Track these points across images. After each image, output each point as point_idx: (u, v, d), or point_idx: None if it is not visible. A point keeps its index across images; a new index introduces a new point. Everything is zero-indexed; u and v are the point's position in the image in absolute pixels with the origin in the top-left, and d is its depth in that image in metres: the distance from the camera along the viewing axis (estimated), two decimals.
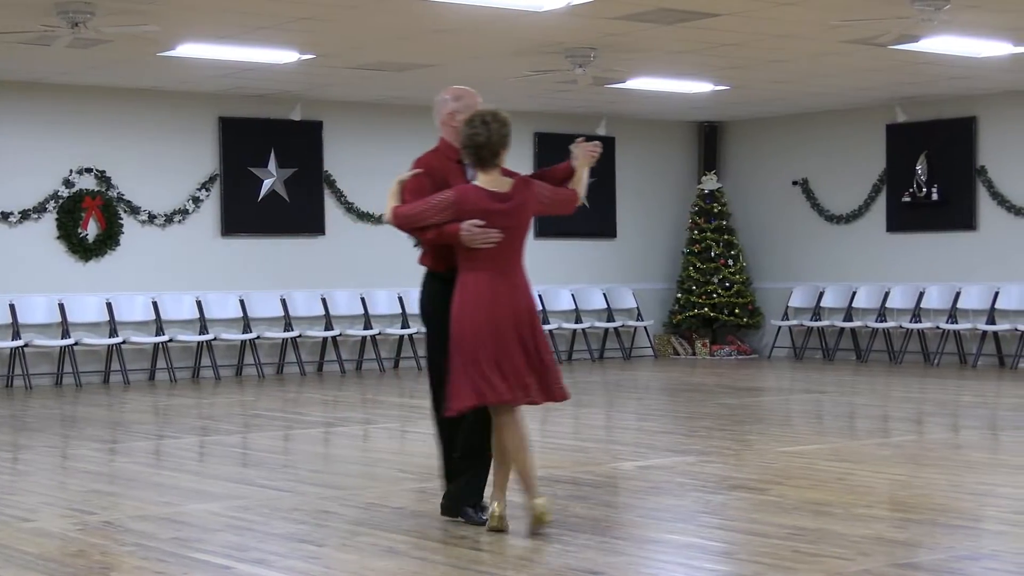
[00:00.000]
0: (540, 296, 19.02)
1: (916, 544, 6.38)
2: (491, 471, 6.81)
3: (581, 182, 7.02)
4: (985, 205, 17.66)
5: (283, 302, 17.39)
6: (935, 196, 18.03)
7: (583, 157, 7.03)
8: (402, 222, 6.67)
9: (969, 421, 11.95)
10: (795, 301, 19.49)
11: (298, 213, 17.50)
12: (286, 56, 14.07)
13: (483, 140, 6.58)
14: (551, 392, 6.72)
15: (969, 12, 12.09)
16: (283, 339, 17.25)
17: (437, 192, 6.64)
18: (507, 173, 6.75)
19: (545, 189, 6.85)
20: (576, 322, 19.25)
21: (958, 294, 17.81)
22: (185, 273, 16.90)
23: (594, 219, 19.63)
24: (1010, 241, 17.48)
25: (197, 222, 16.96)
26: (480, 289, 6.56)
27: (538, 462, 9.24)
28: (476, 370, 6.50)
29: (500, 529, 6.59)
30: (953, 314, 17.79)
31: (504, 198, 6.65)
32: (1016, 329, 17.10)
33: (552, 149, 19.24)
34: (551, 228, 19.31)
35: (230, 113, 17.10)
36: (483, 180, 6.65)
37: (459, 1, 11.48)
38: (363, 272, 17.97)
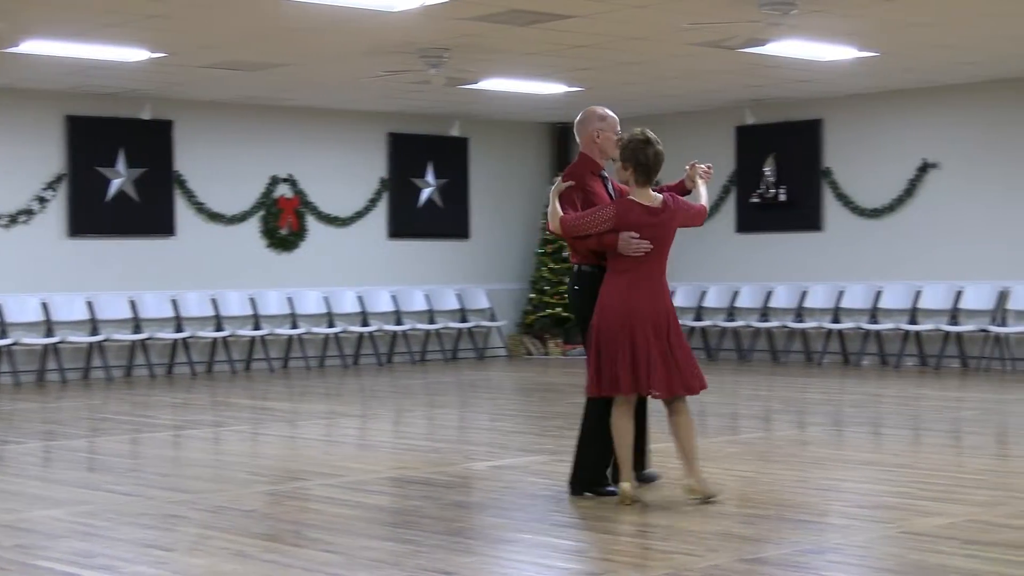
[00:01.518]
0: (394, 297, 18.98)
1: (763, 539, 6.49)
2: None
3: (703, 196, 7.76)
4: (830, 206, 18.02)
5: (132, 304, 17.11)
6: (783, 197, 18.36)
7: (703, 176, 7.83)
8: (568, 230, 7.50)
9: (815, 418, 12.18)
10: None
11: (148, 214, 17.23)
12: (136, 54, 13.84)
13: (651, 160, 7.43)
14: (688, 386, 7.47)
15: (815, 17, 12.32)
16: (132, 341, 16.97)
17: (575, 200, 7.55)
18: (659, 188, 7.67)
19: (686, 204, 7.58)
20: (429, 323, 19.24)
21: (805, 293, 18.16)
22: (30, 274, 16.53)
23: (447, 220, 19.64)
24: (854, 242, 17.86)
25: (43, 223, 16.60)
26: (622, 292, 7.39)
27: (390, 463, 9.24)
28: (609, 363, 7.35)
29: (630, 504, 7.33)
30: (800, 313, 18.14)
31: (656, 212, 7.44)
32: (860, 327, 17.48)
33: (406, 150, 19.24)
34: (404, 229, 19.29)
35: (78, 112, 16.77)
36: (639, 195, 7.47)
37: (313, 0, 11.40)
38: (214, 274, 17.76)
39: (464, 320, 19.57)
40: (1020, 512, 7.13)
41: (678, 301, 19.34)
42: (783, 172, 18.41)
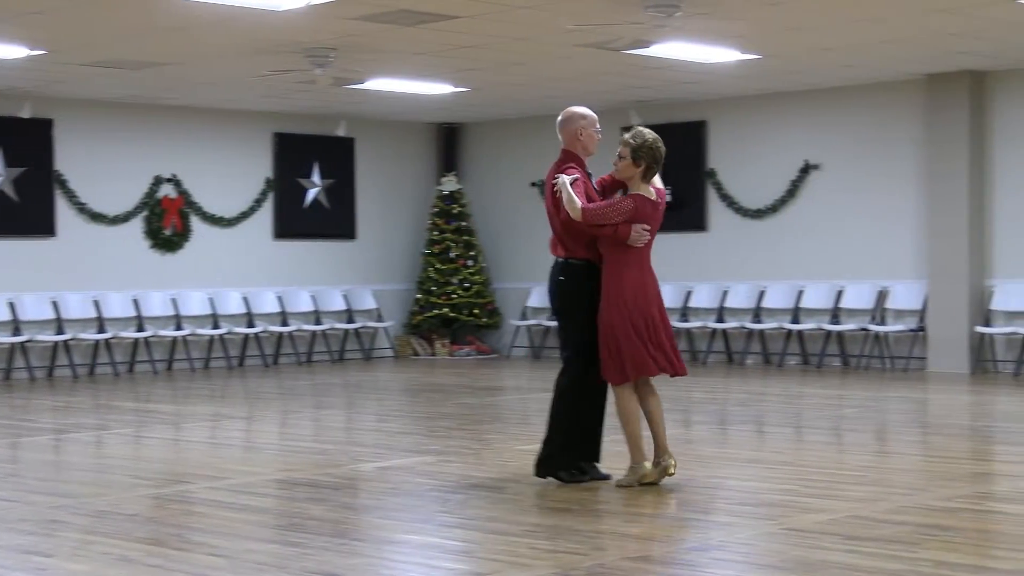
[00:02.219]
0: (279, 298, 18.85)
1: (648, 538, 6.54)
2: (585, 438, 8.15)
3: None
4: (715, 207, 18.21)
5: (11, 306, 16.80)
6: (667, 198, 18.46)
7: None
8: (589, 219, 7.96)
9: (699, 417, 12.30)
10: (533, 301, 19.75)
11: (27, 213, 16.92)
12: (14, 51, 13.59)
13: (660, 157, 8.07)
14: (679, 367, 8.10)
15: (699, 19, 12.45)
16: (11, 344, 16.67)
17: (581, 192, 8.05)
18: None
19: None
20: (316, 323, 19.13)
21: (690, 293, 18.33)
22: None
23: (334, 220, 19.54)
24: (738, 241, 18.07)
25: None
26: (636, 281, 7.97)
27: (276, 465, 9.18)
28: (634, 349, 7.88)
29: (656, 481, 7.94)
30: (685, 313, 18.30)
31: (656, 205, 8.09)
32: (744, 327, 17.69)
33: (292, 150, 19.11)
34: (290, 229, 19.16)
35: None
36: (644, 190, 8.06)
37: None
38: (96, 275, 17.50)
39: (351, 321, 19.49)
40: (899, 508, 7.26)
41: None
42: (668, 173, 18.45)
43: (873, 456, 9.74)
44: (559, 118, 8.43)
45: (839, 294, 17.18)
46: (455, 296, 19.65)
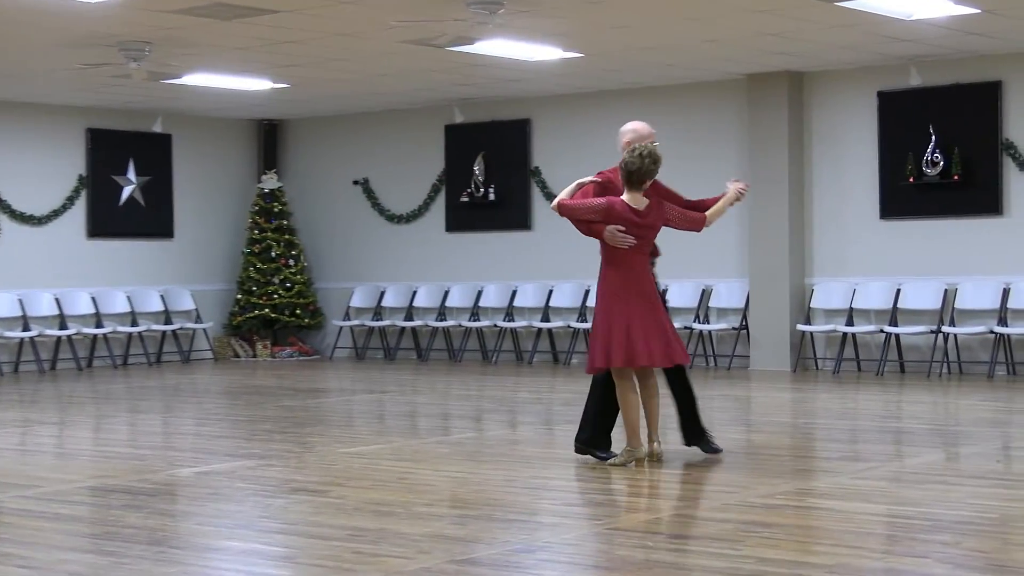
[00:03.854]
0: (93, 299, 18.48)
1: (474, 540, 6.55)
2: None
3: (719, 212, 9.12)
4: (539, 205, 18.33)
5: None
6: (492, 196, 18.58)
7: (732, 194, 9.21)
8: (564, 212, 8.76)
9: (525, 417, 12.38)
10: (356, 301, 19.69)
11: None
12: None
13: (635, 168, 8.72)
14: (679, 356, 8.86)
15: (522, 17, 12.53)
16: None
17: (589, 193, 8.89)
18: (647, 194, 8.83)
19: (674, 211, 8.95)
20: (132, 325, 18.78)
21: (515, 292, 18.44)
22: None
23: (150, 218, 19.21)
24: (563, 240, 18.20)
25: None
26: (617, 279, 8.76)
27: (90, 472, 8.99)
28: (616, 339, 8.67)
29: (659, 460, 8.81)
30: (510, 312, 18.40)
31: (641, 214, 8.77)
32: (569, 326, 17.85)
33: (106, 146, 18.74)
34: (104, 228, 18.80)
35: None
36: (628, 197, 8.78)
37: None
38: None
39: (168, 322, 19.19)
40: (722, 506, 7.39)
41: (388, 302, 19.41)
42: (492, 171, 18.64)
43: (696, 455, 9.88)
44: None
45: (663, 293, 17.43)
46: (276, 296, 19.48)
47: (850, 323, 16.12)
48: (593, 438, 9.04)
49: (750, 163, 16.59)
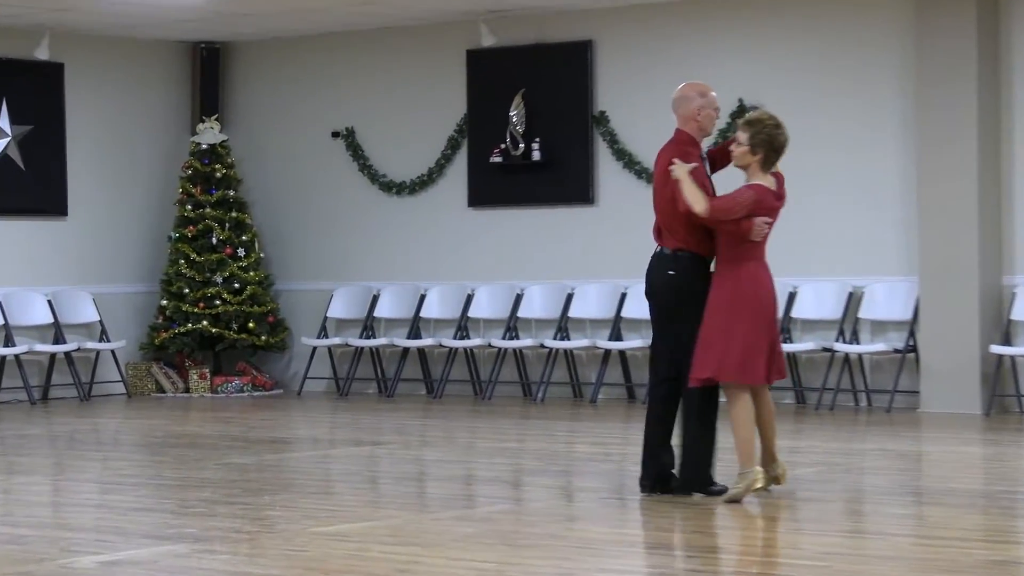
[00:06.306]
0: None
1: None
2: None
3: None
4: (606, 167, 18.21)
5: None
6: (536, 155, 18.51)
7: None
8: (718, 215, 10.34)
9: (586, 480, 12.39)
10: (337, 310, 19.67)
11: None
12: None
13: (783, 143, 10.41)
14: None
15: None
16: None
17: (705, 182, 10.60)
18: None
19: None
20: (4, 345, 18.75)
21: (570, 297, 18.37)
22: None
23: (32, 188, 19.17)
24: (640, 221, 18.07)
25: None
26: (759, 277, 10.48)
27: None
28: (758, 351, 10.45)
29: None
30: (563, 326, 18.36)
31: (778, 196, 10.48)
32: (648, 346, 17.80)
33: None
34: None
35: None
36: (764, 180, 10.42)
37: None
38: None
39: (60, 340, 19.18)
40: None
41: (383, 311, 19.40)
42: (537, 119, 18.57)
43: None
44: (674, 95, 10.82)
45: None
46: (219, 303, 19.51)
47: None
48: (700, 476, 10.70)
49: (915, 110, 16.52)
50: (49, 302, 19.32)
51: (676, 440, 10.80)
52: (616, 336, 18.10)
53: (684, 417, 10.78)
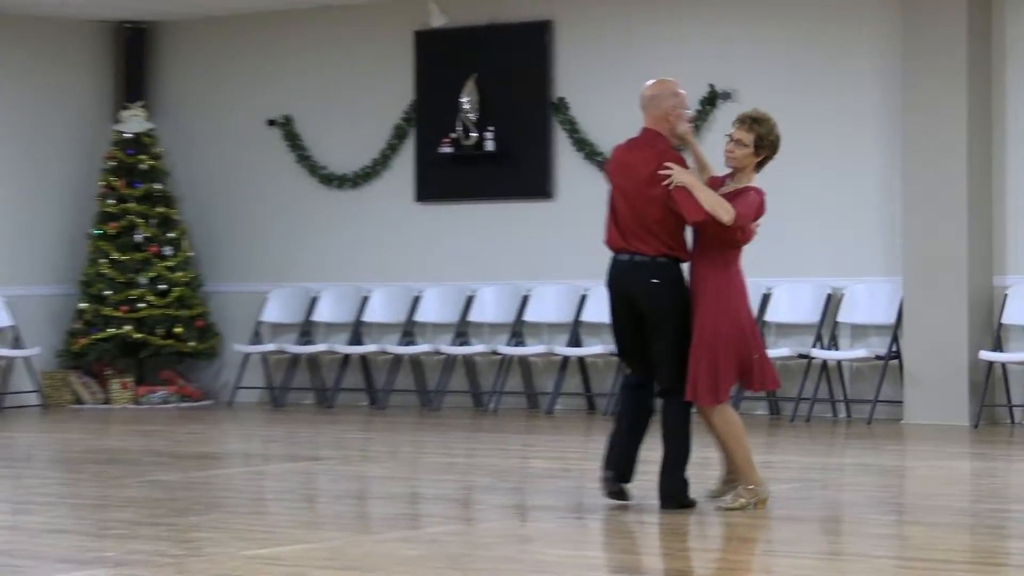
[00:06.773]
0: None
1: None
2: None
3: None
4: (565, 159, 18.24)
5: None
6: (489, 145, 18.50)
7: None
8: (742, 222, 10.52)
9: (541, 498, 12.38)
10: (272, 314, 19.67)
11: None
12: None
13: (778, 147, 10.85)
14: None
15: None
16: None
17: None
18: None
19: None
20: None
21: (526, 299, 18.40)
22: None
23: None
24: (602, 217, 18.14)
25: None
26: (740, 287, 10.75)
27: None
28: (749, 361, 10.71)
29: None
30: (518, 331, 18.38)
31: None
32: (612, 353, 17.81)
33: None
34: None
35: None
36: (754, 182, 10.78)
37: None
38: None
39: None
40: None
41: (322, 314, 19.40)
42: (491, 105, 18.58)
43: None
44: (646, 92, 11.09)
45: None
46: (143, 306, 19.47)
47: None
48: (681, 490, 10.97)
49: (903, 101, 16.59)
50: None
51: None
52: (575, 342, 18.12)
53: (667, 431, 10.99)
